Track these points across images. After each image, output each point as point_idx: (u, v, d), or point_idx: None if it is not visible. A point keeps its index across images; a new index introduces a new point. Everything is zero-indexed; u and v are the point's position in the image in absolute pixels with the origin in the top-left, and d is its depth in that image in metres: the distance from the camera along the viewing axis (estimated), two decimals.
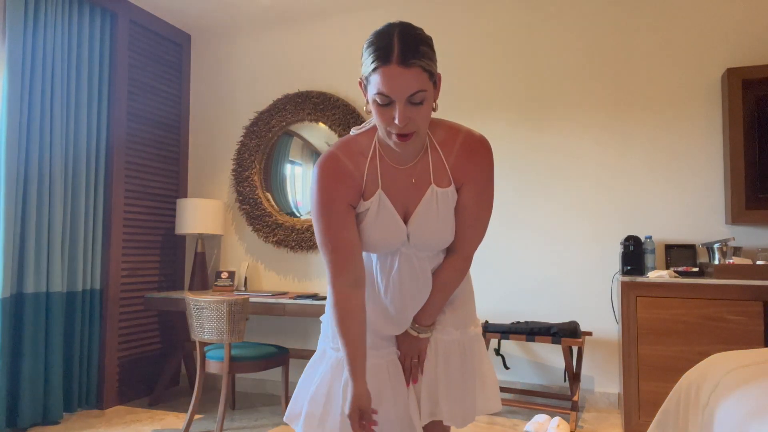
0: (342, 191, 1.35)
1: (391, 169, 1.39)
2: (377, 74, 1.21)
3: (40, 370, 3.13)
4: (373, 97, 1.24)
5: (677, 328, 2.81)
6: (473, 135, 1.41)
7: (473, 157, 1.40)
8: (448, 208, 1.41)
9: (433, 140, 1.39)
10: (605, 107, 3.49)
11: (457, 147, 1.39)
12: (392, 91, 1.20)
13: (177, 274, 4.21)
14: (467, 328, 1.54)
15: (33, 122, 3.16)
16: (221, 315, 2.87)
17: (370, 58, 1.23)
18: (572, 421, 3.01)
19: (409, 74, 1.19)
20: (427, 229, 1.40)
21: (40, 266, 3.16)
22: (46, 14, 3.24)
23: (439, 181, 1.39)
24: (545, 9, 3.63)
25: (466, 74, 3.76)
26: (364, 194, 1.39)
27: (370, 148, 1.38)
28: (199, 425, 3.22)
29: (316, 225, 1.38)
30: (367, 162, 1.38)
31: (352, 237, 1.37)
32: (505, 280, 3.62)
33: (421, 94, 1.22)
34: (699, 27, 3.35)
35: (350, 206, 1.38)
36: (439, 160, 1.39)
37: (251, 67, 4.25)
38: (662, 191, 3.37)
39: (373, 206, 1.38)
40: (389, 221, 1.39)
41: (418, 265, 1.44)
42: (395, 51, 1.19)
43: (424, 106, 1.24)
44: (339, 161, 1.37)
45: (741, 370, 1.68)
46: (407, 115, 1.22)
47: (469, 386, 1.51)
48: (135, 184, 3.82)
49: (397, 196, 1.40)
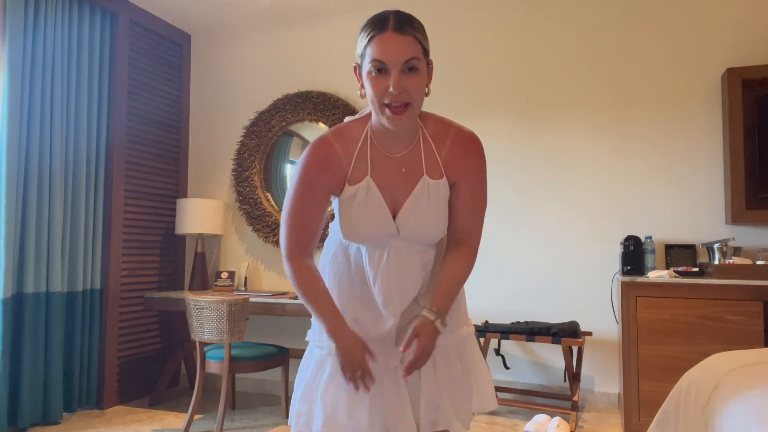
0: (324, 178, 1.39)
1: (382, 156, 1.40)
2: (373, 43, 1.26)
3: (40, 370, 3.13)
4: (368, 68, 1.27)
5: (677, 328, 2.81)
6: (465, 131, 1.43)
7: (468, 154, 1.41)
8: (440, 201, 1.41)
9: (425, 132, 1.42)
10: (605, 107, 3.49)
11: (449, 141, 1.41)
12: (387, 56, 1.24)
13: (177, 274, 4.21)
14: (459, 329, 1.53)
15: (33, 122, 3.16)
16: (221, 315, 2.87)
17: (365, 32, 1.28)
18: (572, 421, 3.01)
19: (404, 41, 1.25)
20: (417, 221, 1.40)
21: (40, 266, 3.17)
22: (46, 14, 3.24)
23: (431, 172, 1.41)
24: (545, 9, 3.63)
25: (467, 74, 3.76)
26: (350, 179, 1.40)
27: (362, 135, 1.41)
28: (199, 425, 3.22)
29: (289, 201, 1.40)
30: (357, 147, 1.40)
31: (319, 222, 1.43)
32: (505, 280, 3.62)
33: (416, 61, 1.26)
34: (699, 27, 3.35)
35: (328, 193, 1.42)
36: (430, 151, 1.41)
37: (251, 67, 4.25)
38: (662, 191, 3.37)
39: (361, 192, 1.39)
40: (377, 209, 1.40)
41: (407, 258, 1.43)
42: (391, 21, 1.26)
43: (418, 78, 1.28)
44: (330, 146, 1.39)
45: (741, 370, 1.68)
46: (402, 84, 1.25)
47: (467, 387, 1.50)
48: (135, 184, 3.83)
49: (386, 185, 1.40)
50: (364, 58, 1.28)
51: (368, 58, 1.27)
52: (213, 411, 3.50)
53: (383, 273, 1.43)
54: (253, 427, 3.20)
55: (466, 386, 1.51)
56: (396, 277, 1.43)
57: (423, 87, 1.31)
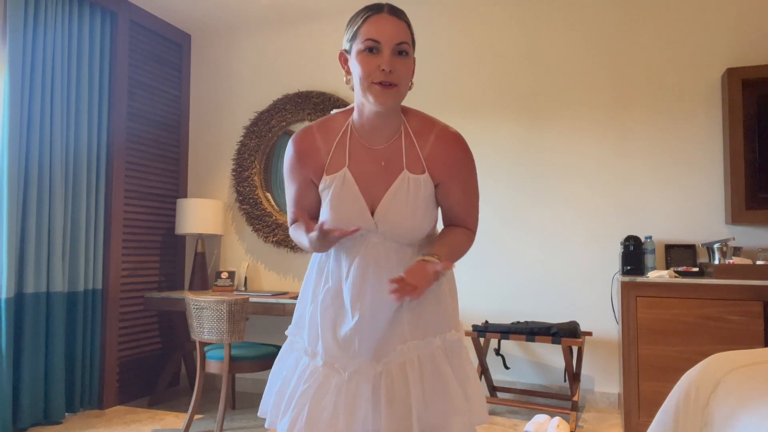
0: (303, 167, 1.44)
1: (362, 148, 1.41)
2: (368, 23, 1.31)
3: (41, 371, 3.13)
4: (360, 47, 1.31)
5: (677, 328, 2.81)
6: (449, 130, 1.43)
7: (453, 153, 1.41)
8: (419, 196, 1.40)
9: (408, 126, 1.42)
10: (605, 107, 3.49)
11: (432, 138, 1.41)
12: (381, 35, 1.29)
13: (177, 274, 4.21)
14: (447, 333, 1.46)
15: (33, 122, 3.16)
16: (221, 315, 2.88)
17: (359, 15, 1.34)
18: (572, 421, 3.01)
19: (398, 24, 1.32)
20: (396, 216, 1.39)
21: (41, 266, 3.17)
22: (46, 14, 3.24)
23: (411, 167, 1.40)
24: (545, 9, 3.63)
25: (467, 74, 3.76)
26: (327, 169, 1.41)
27: (344, 126, 1.43)
28: (199, 425, 3.22)
29: (285, 186, 1.51)
30: (337, 138, 1.42)
31: (308, 204, 1.50)
32: (505, 280, 3.62)
33: (406, 46, 1.32)
34: (699, 27, 3.35)
35: (310, 180, 1.46)
36: (412, 146, 1.41)
37: (251, 67, 4.25)
38: (662, 191, 3.37)
39: (337, 182, 1.40)
40: (352, 200, 1.39)
41: (384, 254, 1.41)
42: (386, 6, 1.34)
43: (408, 61, 1.33)
44: (311, 136, 1.43)
45: (741, 370, 1.68)
46: (392, 64, 1.30)
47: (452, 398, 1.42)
48: (135, 184, 3.83)
49: (364, 178, 1.40)
50: (356, 39, 1.32)
51: (361, 38, 1.31)
52: (213, 411, 3.51)
53: (357, 267, 1.40)
54: (253, 427, 3.20)
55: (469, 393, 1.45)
56: (370, 273, 1.40)
57: (410, 72, 1.35)
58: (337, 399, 1.40)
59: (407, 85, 1.34)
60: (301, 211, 1.42)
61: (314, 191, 1.48)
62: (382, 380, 1.40)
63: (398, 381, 1.40)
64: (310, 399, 1.40)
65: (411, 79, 1.37)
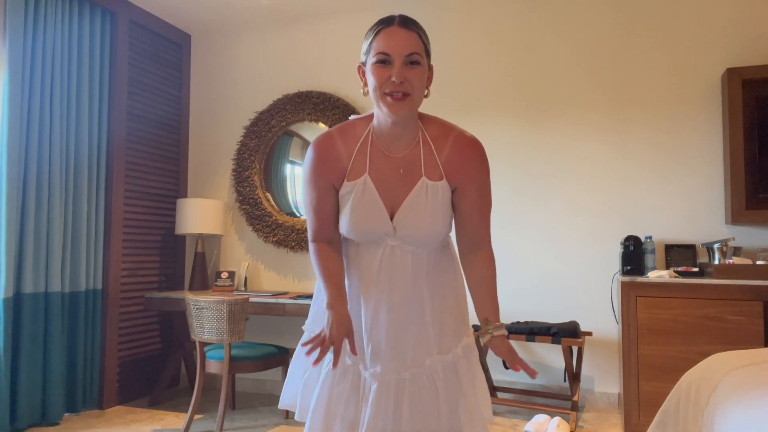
0: (325, 172, 1.45)
1: (382, 156, 1.43)
2: (379, 36, 1.34)
3: (39, 371, 3.13)
4: (373, 60, 1.34)
5: (677, 328, 2.81)
6: (466, 135, 1.45)
7: (469, 158, 1.43)
8: (438, 202, 1.42)
9: (426, 134, 1.44)
10: (605, 107, 3.49)
11: (449, 144, 1.43)
12: (391, 48, 1.32)
13: (177, 274, 4.21)
14: (464, 339, 1.52)
15: (33, 122, 3.16)
16: (221, 315, 2.88)
17: (372, 30, 1.37)
18: (572, 421, 3.01)
19: (408, 35, 1.33)
20: (414, 221, 1.42)
21: (39, 267, 3.16)
22: (46, 14, 3.24)
23: (429, 173, 1.42)
24: (545, 9, 3.63)
25: (467, 75, 3.76)
26: (348, 175, 1.43)
27: (365, 133, 1.45)
28: (199, 425, 3.22)
29: (304, 193, 1.50)
30: (358, 145, 1.44)
31: (329, 209, 1.49)
32: (505, 280, 3.62)
33: (417, 56, 1.33)
34: (699, 27, 3.35)
35: (332, 185, 1.47)
36: (430, 153, 1.43)
37: (251, 67, 4.25)
38: (662, 191, 3.37)
39: (358, 189, 1.42)
40: (373, 206, 1.41)
41: (401, 258, 1.45)
42: (397, 19, 1.36)
43: (419, 70, 1.34)
44: (332, 142, 1.45)
45: (741, 370, 1.68)
46: (403, 74, 1.32)
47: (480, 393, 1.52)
48: (135, 184, 3.82)
49: (384, 184, 1.43)
50: (370, 53, 1.35)
51: (374, 51, 1.34)
52: (213, 411, 3.51)
53: (373, 270, 1.45)
54: (253, 427, 3.20)
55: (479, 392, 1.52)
56: (386, 275, 1.44)
57: (423, 80, 1.36)
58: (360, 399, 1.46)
59: (421, 93, 1.36)
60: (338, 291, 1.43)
61: (334, 197, 1.48)
62: (407, 388, 1.45)
63: (426, 392, 1.45)
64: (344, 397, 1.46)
65: (427, 86, 1.39)
